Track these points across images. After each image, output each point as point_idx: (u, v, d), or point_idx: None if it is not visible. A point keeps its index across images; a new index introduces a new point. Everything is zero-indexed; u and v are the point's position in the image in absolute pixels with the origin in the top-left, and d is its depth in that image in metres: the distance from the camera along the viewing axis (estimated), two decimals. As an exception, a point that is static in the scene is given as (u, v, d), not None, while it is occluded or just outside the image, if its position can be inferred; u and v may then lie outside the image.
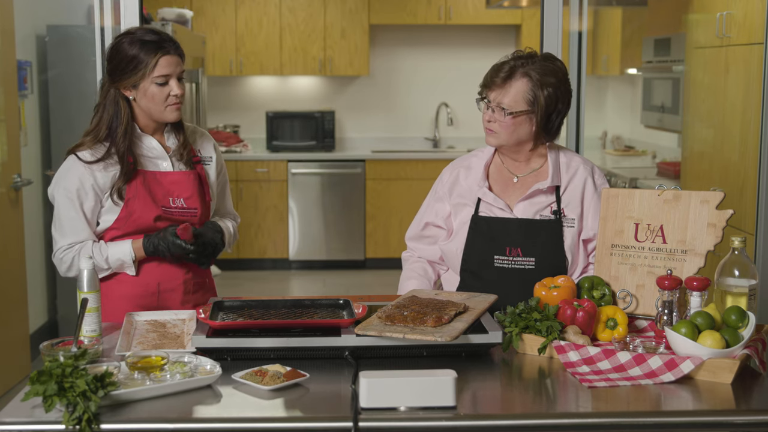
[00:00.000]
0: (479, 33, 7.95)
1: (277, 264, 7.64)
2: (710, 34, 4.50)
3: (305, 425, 1.79)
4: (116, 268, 2.56)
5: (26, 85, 4.96)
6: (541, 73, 2.47)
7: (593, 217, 2.55)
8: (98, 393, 1.76)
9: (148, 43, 2.47)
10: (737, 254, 2.16)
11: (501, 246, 2.54)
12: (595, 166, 2.64)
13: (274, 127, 7.72)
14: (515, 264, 2.53)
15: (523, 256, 2.52)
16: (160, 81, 2.49)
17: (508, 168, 2.63)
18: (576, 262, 2.55)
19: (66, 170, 2.55)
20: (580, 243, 2.56)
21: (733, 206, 2.55)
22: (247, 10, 7.66)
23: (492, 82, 2.50)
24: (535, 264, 2.52)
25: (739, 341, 2.03)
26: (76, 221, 2.53)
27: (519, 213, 2.55)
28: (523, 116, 2.49)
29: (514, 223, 2.54)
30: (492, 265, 2.55)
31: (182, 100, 2.55)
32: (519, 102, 2.48)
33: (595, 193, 2.57)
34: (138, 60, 2.47)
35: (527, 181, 2.59)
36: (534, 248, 2.52)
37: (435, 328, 2.07)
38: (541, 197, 2.56)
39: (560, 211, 2.54)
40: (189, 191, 2.62)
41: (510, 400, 1.95)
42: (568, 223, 2.54)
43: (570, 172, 2.58)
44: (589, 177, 2.58)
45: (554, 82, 2.49)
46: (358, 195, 7.56)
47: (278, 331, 2.15)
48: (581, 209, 2.55)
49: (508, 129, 2.50)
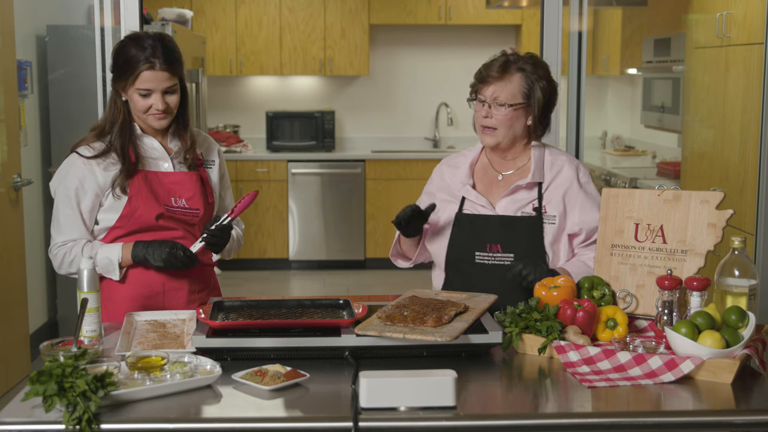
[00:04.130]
0: (479, 33, 7.95)
1: (277, 264, 7.63)
2: (710, 34, 4.50)
3: (305, 425, 1.79)
4: (102, 270, 2.53)
5: (26, 85, 4.96)
6: (534, 66, 2.55)
7: (579, 213, 2.57)
8: (98, 393, 1.76)
9: (138, 53, 2.47)
10: (737, 254, 2.16)
11: (482, 242, 2.58)
12: (581, 165, 2.66)
13: (274, 127, 7.72)
14: (495, 260, 2.56)
15: (502, 252, 2.56)
16: (142, 93, 2.50)
17: (494, 166, 2.67)
18: (558, 258, 2.57)
19: (67, 168, 2.57)
20: (563, 239, 2.57)
21: (733, 206, 2.55)
22: (247, 10, 7.66)
23: (488, 77, 2.55)
24: (514, 260, 2.54)
25: (739, 341, 2.03)
26: (72, 219, 2.54)
27: (501, 210, 2.59)
28: (521, 109, 2.54)
29: (494, 220, 2.58)
30: (473, 261, 2.58)
31: (171, 111, 2.54)
32: (516, 95, 2.53)
33: (580, 190, 2.59)
34: (126, 67, 2.49)
35: (511, 178, 2.63)
36: (513, 245, 2.55)
37: (435, 328, 2.07)
38: (523, 194, 2.59)
39: (541, 208, 2.56)
40: (191, 192, 2.62)
41: (510, 400, 1.96)
42: (549, 220, 2.56)
43: (554, 169, 2.60)
44: (573, 175, 2.60)
45: (545, 75, 2.57)
46: (358, 195, 7.56)
47: (278, 331, 2.15)
48: (564, 207, 2.57)
49: (506, 123, 2.54)
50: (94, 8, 3.52)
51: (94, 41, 3.48)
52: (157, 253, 2.49)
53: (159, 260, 2.49)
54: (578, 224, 2.57)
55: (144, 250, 2.51)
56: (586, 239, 2.59)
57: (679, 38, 5.10)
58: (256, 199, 2.50)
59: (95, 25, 3.49)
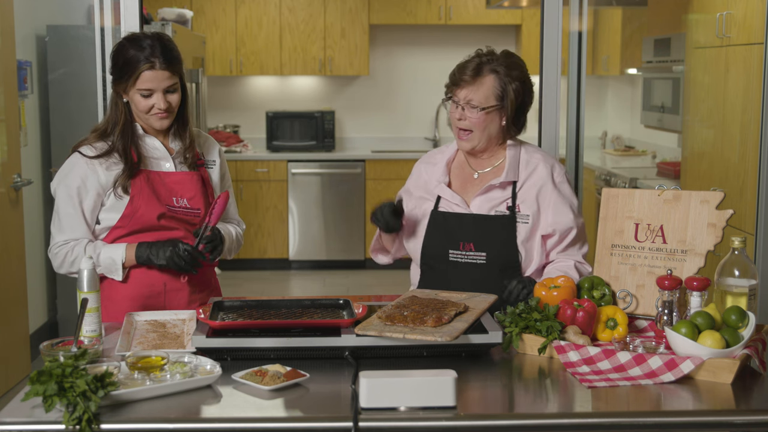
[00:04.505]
0: (479, 33, 7.94)
1: (277, 264, 7.63)
2: (710, 34, 4.50)
3: (305, 425, 1.79)
4: (105, 270, 2.54)
5: (26, 85, 4.96)
6: (507, 68, 2.54)
7: (552, 214, 2.56)
8: (98, 393, 1.76)
9: (137, 54, 2.48)
10: (737, 254, 2.16)
11: (455, 240, 2.58)
12: (557, 163, 2.65)
13: (274, 127, 7.72)
14: (467, 258, 2.57)
15: (475, 250, 2.57)
16: (144, 93, 2.50)
17: (470, 164, 2.67)
18: (531, 257, 2.57)
19: (69, 167, 2.57)
20: (537, 239, 2.57)
21: (733, 206, 2.55)
22: (247, 10, 7.65)
23: (461, 80, 2.55)
24: (486, 258, 2.55)
25: (739, 341, 2.03)
26: (74, 218, 2.54)
27: (475, 208, 2.60)
28: (494, 112, 2.54)
29: (468, 219, 2.58)
30: (447, 259, 2.59)
31: (173, 110, 2.55)
32: (489, 97, 2.53)
33: (553, 190, 2.58)
34: (126, 68, 2.50)
35: (487, 177, 2.64)
36: (486, 243, 2.56)
37: (435, 328, 2.07)
38: (497, 193, 2.59)
39: (515, 207, 2.56)
40: (192, 191, 2.62)
41: (510, 400, 1.95)
42: (522, 219, 2.56)
43: (529, 168, 2.60)
44: (548, 174, 2.59)
45: (520, 76, 2.56)
46: (358, 195, 7.56)
47: (278, 331, 2.15)
48: (537, 206, 2.57)
49: (480, 125, 2.54)
50: (94, 8, 3.52)
51: (94, 41, 3.48)
52: (161, 252, 2.50)
53: (162, 259, 2.50)
54: (551, 225, 2.56)
55: (147, 250, 2.52)
56: (559, 241, 2.57)
57: (679, 38, 5.10)
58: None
59: (95, 25, 3.48)
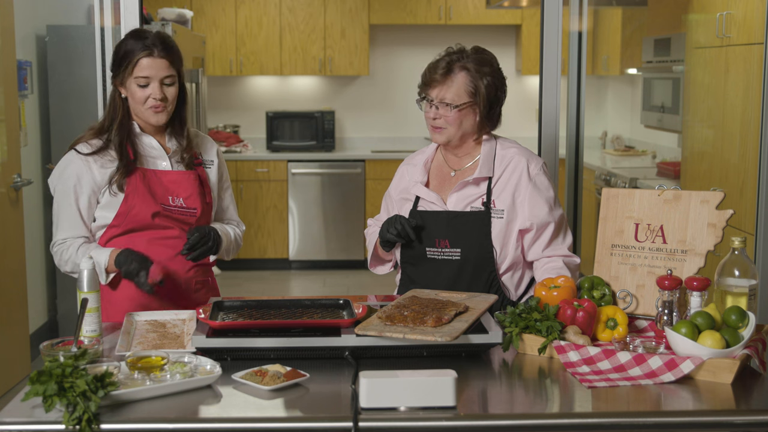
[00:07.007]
0: (479, 33, 7.94)
1: (277, 264, 7.63)
2: (710, 34, 4.50)
3: (305, 425, 1.79)
4: None
5: (26, 85, 4.96)
6: (478, 64, 2.56)
7: (529, 207, 2.57)
8: (98, 393, 1.76)
9: (137, 43, 2.50)
10: (737, 254, 2.16)
11: (431, 238, 2.60)
12: (533, 156, 2.64)
13: (274, 127, 7.72)
14: (444, 255, 2.59)
15: (450, 247, 2.58)
16: (141, 83, 2.50)
17: (448, 163, 2.69)
18: (505, 253, 2.58)
19: (64, 165, 2.58)
20: (513, 233, 2.57)
21: (733, 206, 2.55)
22: (247, 10, 7.66)
23: (432, 80, 2.56)
24: (461, 254, 2.57)
25: (739, 341, 2.03)
26: (71, 217, 2.56)
27: (452, 206, 2.61)
28: (467, 108, 2.56)
29: (443, 216, 2.60)
30: (425, 257, 2.61)
31: (169, 104, 2.54)
32: (461, 95, 2.54)
33: (529, 183, 2.58)
34: (125, 58, 2.51)
35: (463, 174, 2.65)
36: (460, 240, 2.57)
37: (435, 328, 2.07)
38: (472, 189, 2.60)
39: (490, 203, 2.57)
40: (188, 191, 2.62)
41: (510, 400, 1.95)
42: (497, 214, 2.57)
43: (504, 163, 2.61)
44: (523, 168, 2.59)
45: (490, 71, 2.57)
46: (358, 195, 7.56)
47: (278, 331, 2.15)
48: (512, 200, 2.57)
49: (455, 123, 2.56)
50: (94, 8, 3.52)
51: (94, 41, 3.48)
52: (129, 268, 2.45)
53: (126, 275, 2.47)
54: (528, 219, 2.56)
55: (125, 259, 2.47)
56: (538, 235, 2.57)
57: (679, 38, 5.11)
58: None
59: (95, 25, 3.49)
